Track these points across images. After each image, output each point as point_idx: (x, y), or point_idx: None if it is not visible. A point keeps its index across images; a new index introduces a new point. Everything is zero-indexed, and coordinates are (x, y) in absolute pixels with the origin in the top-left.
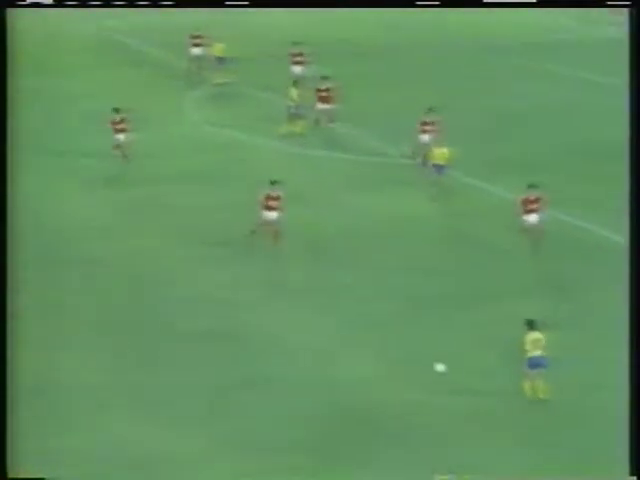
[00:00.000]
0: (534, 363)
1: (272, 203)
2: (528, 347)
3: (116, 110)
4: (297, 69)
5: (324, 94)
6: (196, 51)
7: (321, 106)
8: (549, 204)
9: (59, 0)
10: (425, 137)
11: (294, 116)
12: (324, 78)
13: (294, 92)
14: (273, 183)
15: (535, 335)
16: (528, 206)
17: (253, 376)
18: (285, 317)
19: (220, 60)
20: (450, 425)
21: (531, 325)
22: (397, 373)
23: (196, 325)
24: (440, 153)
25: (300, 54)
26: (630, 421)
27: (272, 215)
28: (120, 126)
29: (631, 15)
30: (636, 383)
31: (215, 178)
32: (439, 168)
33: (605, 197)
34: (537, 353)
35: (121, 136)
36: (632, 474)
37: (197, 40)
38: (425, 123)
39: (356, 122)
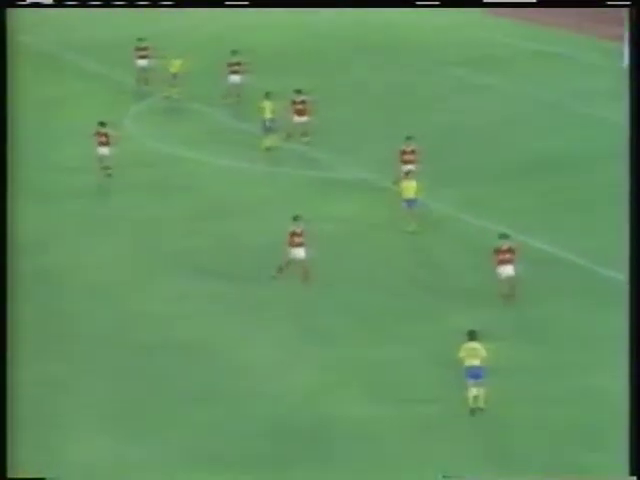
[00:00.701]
0: (471, 373)
1: (297, 239)
2: (462, 355)
3: (102, 124)
4: (235, 78)
5: (299, 107)
6: (142, 63)
7: (297, 119)
8: (487, 214)
9: (59, 0)
10: (408, 167)
11: (269, 130)
12: (297, 91)
13: (268, 105)
14: (296, 219)
15: (472, 345)
16: (500, 257)
17: (202, 390)
18: (233, 331)
19: (174, 75)
20: (395, 436)
21: (472, 335)
22: (344, 385)
23: (145, 338)
24: (409, 186)
25: (238, 63)
26: (630, 421)
27: (299, 252)
28: (102, 139)
29: (631, 15)
30: (636, 385)
31: (159, 192)
32: (410, 202)
33: (545, 208)
34: (474, 363)
35: (105, 149)
36: (632, 474)
37: (143, 52)
38: (405, 152)
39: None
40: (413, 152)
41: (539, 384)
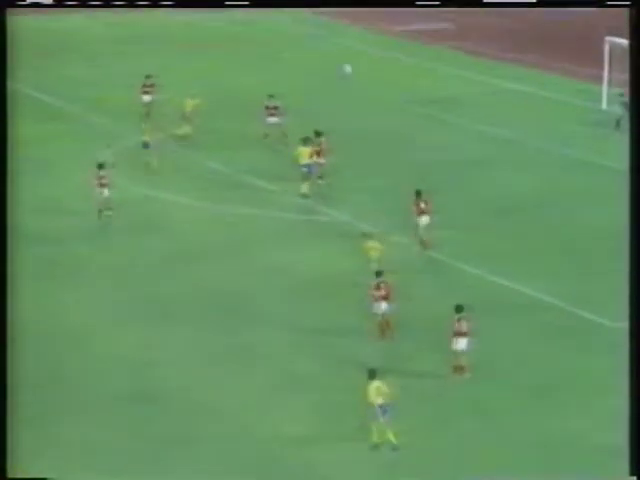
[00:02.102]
0: (379, 411)
1: (381, 293)
2: (371, 395)
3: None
4: (272, 120)
5: (317, 149)
6: (147, 98)
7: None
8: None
9: (59, 0)
10: (423, 219)
11: (306, 176)
12: (318, 134)
13: (305, 151)
14: (379, 274)
15: (375, 384)
16: (457, 328)
17: (176, 436)
18: (205, 377)
19: (186, 114)
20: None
21: (372, 375)
22: (315, 430)
23: (118, 385)
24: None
25: (275, 107)
26: (630, 421)
27: (382, 306)
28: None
29: (631, 15)
30: (636, 386)
31: (135, 234)
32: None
33: (521, 251)
34: (379, 401)
35: (105, 190)
36: (632, 474)
37: (149, 88)
38: (418, 202)
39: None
40: (427, 202)
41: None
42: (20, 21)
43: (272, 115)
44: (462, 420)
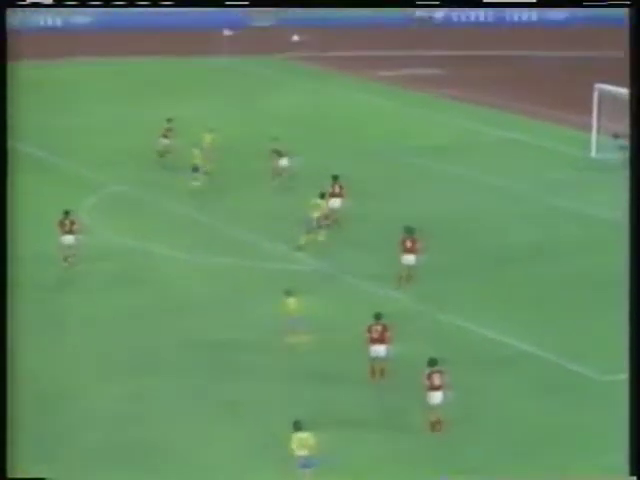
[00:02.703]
0: (302, 463)
1: (377, 336)
2: (294, 447)
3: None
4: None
5: (336, 191)
6: (165, 142)
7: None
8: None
9: (59, 0)
10: (409, 257)
11: (320, 227)
12: (335, 178)
13: (322, 202)
14: (378, 317)
15: (301, 435)
16: (429, 382)
17: None
18: (192, 429)
19: (204, 150)
20: None
21: (297, 426)
22: None
23: (103, 438)
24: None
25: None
26: (630, 421)
27: (380, 349)
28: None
29: (631, 15)
30: (636, 382)
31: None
32: None
33: (512, 302)
34: (303, 453)
35: (70, 237)
36: (632, 474)
37: (168, 132)
38: (405, 241)
39: (251, 225)
40: (415, 241)
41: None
42: (22, 70)
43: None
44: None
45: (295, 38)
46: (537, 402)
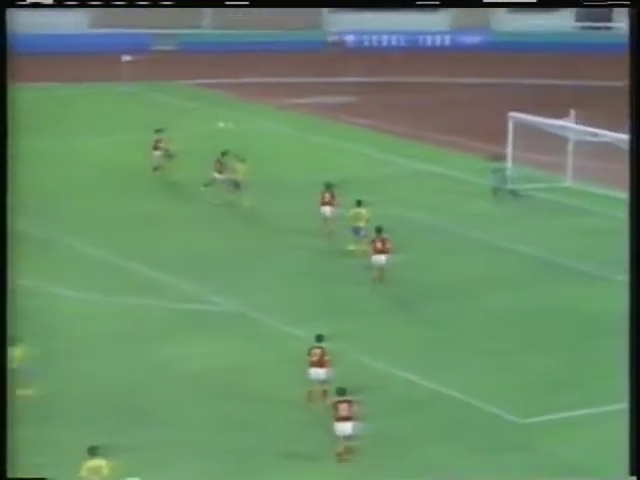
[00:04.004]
0: None
1: (316, 359)
2: (84, 474)
3: None
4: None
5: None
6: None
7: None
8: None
9: (59, 0)
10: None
11: (363, 237)
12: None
13: (363, 212)
14: (319, 339)
15: (96, 462)
16: (338, 414)
17: None
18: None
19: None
20: None
21: (92, 452)
22: None
23: None
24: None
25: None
26: (630, 421)
27: (320, 372)
28: None
29: (631, 15)
30: (636, 382)
31: None
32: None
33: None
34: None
35: None
36: (632, 474)
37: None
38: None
39: (169, 267)
40: None
41: None
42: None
43: None
44: None
45: (201, 63)
46: (451, 444)
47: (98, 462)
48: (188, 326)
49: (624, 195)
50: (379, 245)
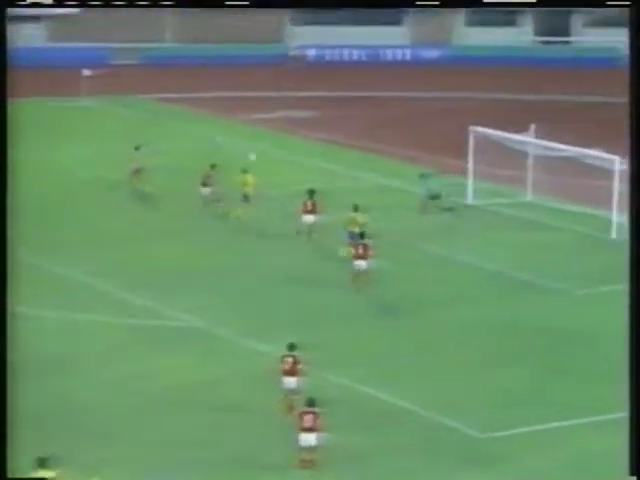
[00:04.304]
0: None
1: (288, 367)
2: None
3: None
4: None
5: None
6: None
7: None
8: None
9: (59, 0)
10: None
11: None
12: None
13: (359, 217)
14: (291, 348)
15: (45, 473)
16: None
17: None
18: None
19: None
20: None
21: (41, 463)
22: None
23: None
24: None
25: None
26: (630, 421)
27: (291, 381)
28: None
29: (631, 15)
30: (636, 381)
31: None
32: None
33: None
34: None
35: None
36: (632, 474)
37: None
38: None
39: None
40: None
41: None
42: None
43: None
44: None
45: (163, 77)
46: (419, 460)
47: (47, 473)
48: (149, 342)
49: (584, 209)
50: (360, 251)
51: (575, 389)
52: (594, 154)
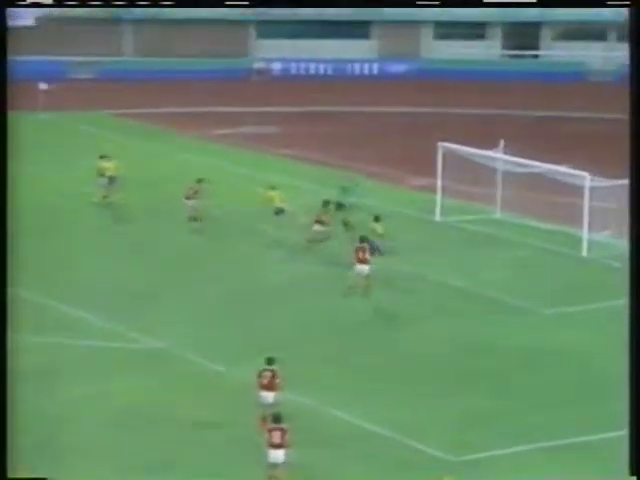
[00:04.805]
0: None
1: (266, 382)
2: None
3: None
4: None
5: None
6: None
7: None
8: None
9: (59, 0)
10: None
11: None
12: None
13: (378, 227)
14: (269, 362)
15: None
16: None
17: None
18: None
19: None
20: None
21: None
22: None
23: None
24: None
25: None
26: (630, 421)
27: (269, 396)
28: None
29: (631, 15)
30: (636, 381)
31: None
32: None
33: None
34: None
35: None
36: (632, 474)
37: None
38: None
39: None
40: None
41: None
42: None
43: None
44: None
45: (122, 92)
46: None
47: None
48: (108, 364)
49: (554, 227)
50: (361, 255)
51: (543, 411)
52: (564, 170)
